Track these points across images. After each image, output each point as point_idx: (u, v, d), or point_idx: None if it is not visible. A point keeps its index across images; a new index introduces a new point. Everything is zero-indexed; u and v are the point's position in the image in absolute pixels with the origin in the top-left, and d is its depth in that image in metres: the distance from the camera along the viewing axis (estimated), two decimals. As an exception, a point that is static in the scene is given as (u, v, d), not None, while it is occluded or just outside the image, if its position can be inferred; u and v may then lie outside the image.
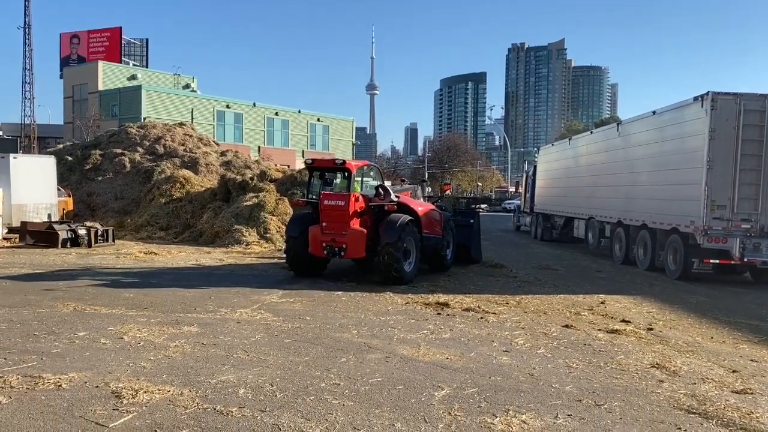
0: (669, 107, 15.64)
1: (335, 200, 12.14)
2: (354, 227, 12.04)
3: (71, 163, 25.81)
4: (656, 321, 9.45)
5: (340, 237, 11.97)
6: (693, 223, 13.83)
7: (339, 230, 11.99)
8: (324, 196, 12.28)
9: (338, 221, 12.01)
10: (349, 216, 12.01)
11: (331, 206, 12.07)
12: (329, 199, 12.17)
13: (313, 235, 12.18)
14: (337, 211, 12.03)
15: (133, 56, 67.14)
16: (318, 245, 12.15)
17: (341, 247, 12.01)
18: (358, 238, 12.00)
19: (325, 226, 12.10)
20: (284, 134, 61.56)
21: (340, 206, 12.04)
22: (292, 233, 12.62)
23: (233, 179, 22.37)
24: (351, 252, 12.08)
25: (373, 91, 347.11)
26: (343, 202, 12.06)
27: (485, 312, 9.34)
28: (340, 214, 12.02)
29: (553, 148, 27.24)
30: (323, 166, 13.39)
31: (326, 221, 12.11)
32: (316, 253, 12.33)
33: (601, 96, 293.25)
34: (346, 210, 12.01)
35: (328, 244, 12.06)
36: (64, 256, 15.37)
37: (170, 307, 9.08)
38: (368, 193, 13.24)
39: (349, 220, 12.01)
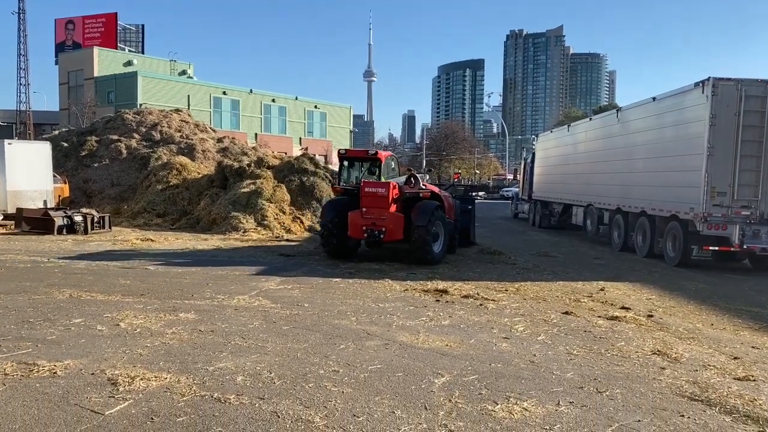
0: (669, 93, 15.54)
1: (376, 188, 13.10)
2: (393, 212, 12.97)
3: (67, 150, 25.64)
4: (656, 308, 9.40)
5: (380, 221, 12.85)
6: (693, 209, 13.77)
7: (379, 215, 12.85)
8: (365, 183, 13.22)
9: (378, 206, 12.91)
10: (389, 202, 12.96)
11: (372, 193, 13.00)
12: (370, 186, 13.11)
13: (354, 220, 12.96)
14: (378, 198, 12.96)
15: (129, 42, 66.63)
16: (358, 229, 12.94)
17: (381, 230, 12.85)
18: (397, 221, 12.92)
19: (365, 211, 12.92)
20: (281, 121, 61.32)
21: (381, 193, 13.00)
22: (327, 218, 13.28)
23: (230, 166, 22.24)
24: (390, 235, 12.91)
25: (370, 78, 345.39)
26: (384, 190, 13.04)
27: (484, 299, 9.29)
28: (380, 200, 12.95)
29: (552, 135, 27.13)
30: (356, 156, 14.77)
31: (366, 206, 12.95)
32: (356, 236, 13.16)
33: (599, 83, 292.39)
34: (386, 196, 12.98)
35: (369, 228, 12.87)
36: (60, 243, 15.27)
37: (167, 294, 9.00)
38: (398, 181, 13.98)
39: (388, 205, 12.95)
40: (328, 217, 13.29)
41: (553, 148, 25.49)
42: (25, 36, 59.74)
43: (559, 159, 24.38)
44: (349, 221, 13.07)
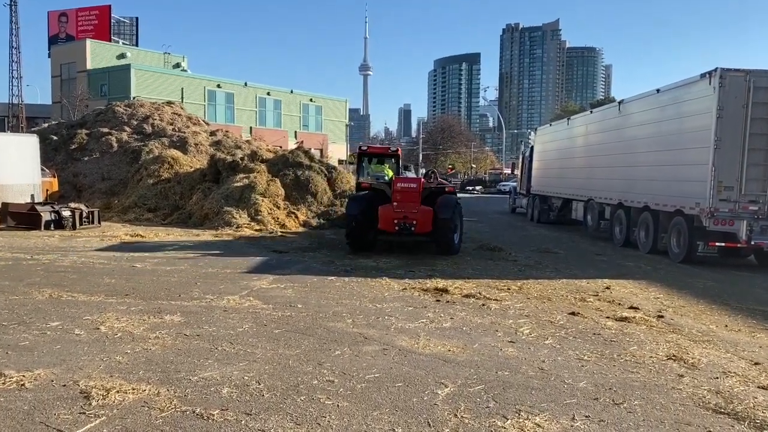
0: (674, 85, 15.10)
1: (408, 183, 13.89)
2: (423, 206, 13.48)
3: (56, 143, 25.11)
4: (665, 307, 9.00)
5: (411, 215, 13.32)
6: (698, 204, 13.36)
7: (410, 209, 13.34)
8: (398, 179, 14.03)
9: (410, 201, 13.46)
10: (420, 196, 13.61)
11: (405, 188, 13.62)
12: (403, 182, 13.88)
13: (386, 214, 13.41)
14: (410, 193, 13.57)
15: (123, 35, 65.88)
16: (390, 222, 13.35)
17: (412, 223, 13.31)
18: (426, 215, 13.37)
19: (397, 206, 13.41)
20: (276, 114, 60.72)
21: (413, 188, 13.68)
22: (353, 212, 13.54)
23: (223, 159, 21.74)
24: (420, 227, 13.38)
25: (366, 71, 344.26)
26: (415, 185, 13.80)
27: (486, 298, 8.87)
28: (412, 194, 13.57)
29: (551, 128, 26.68)
30: (376, 152, 15.85)
31: (398, 201, 13.48)
32: (387, 229, 13.59)
33: (595, 77, 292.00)
34: (417, 191, 13.67)
35: (401, 221, 13.30)
36: (47, 239, 14.79)
37: (153, 294, 8.55)
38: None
39: (419, 200, 13.58)
40: (355, 211, 13.50)
41: (553, 142, 25.05)
42: (18, 28, 58.96)
43: (559, 153, 23.95)
44: (380, 215, 13.46)
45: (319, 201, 20.24)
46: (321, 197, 20.39)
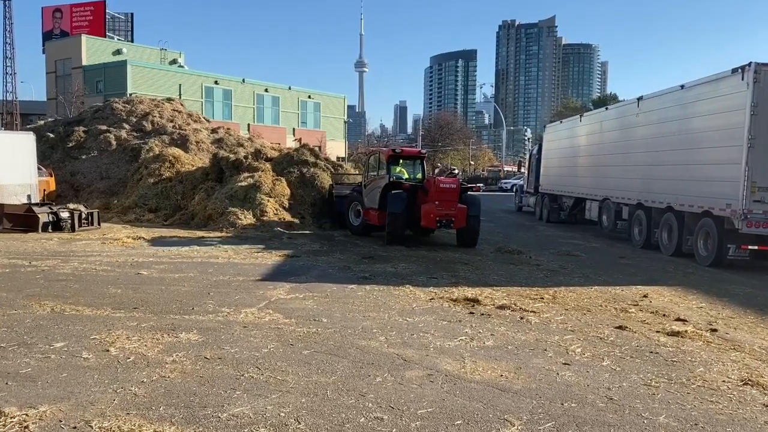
0: (700, 81, 14.48)
1: (449, 183, 15.17)
2: (460, 204, 14.79)
3: (53, 141, 24.34)
4: (714, 319, 8.37)
5: (450, 212, 14.62)
6: (730, 206, 12.76)
7: (449, 207, 14.64)
8: (439, 180, 15.42)
9: (450, 200, 14.74)
10: (458, 196, 14.93)
11: (446, 188, 14.87)
12: (444, 182, 15.20)
13: (428, 211, 14.63)
14: (450, 192, 14.82)
15: (118, 31, 64.91)
16: (432, 219, 14.61)
17: (451, 219, 14.68)
18: (462, 212, 14.76)
19: (438, 204, 14.60)
20: (274, 111, 59.94)
21: (453, 188, 14.96)
22: (397, 210, 14.76)
23: (226, 158, 21.03)
24: (457, 223, 14.81)
25: (362, 68, 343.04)
26: (455, 185, 15.11)
27: (523, 310, 8.23)
28: (452, 193, 14.84)
29: (562, 125, 26.05)
30: (408, 154, 17.24)
31: (439, 200, 14.66)
32: (429, 226, 14.98)
33: (592, 74, 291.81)
34: (456, 190, 14.99)
35: (442, 218, 14.60)
36: (45, 242, 14.10)
37: (164, 307, 7.89)
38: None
39: (457, 198, 14.89)
40: (398, 209, 14.73)
41: (564, 139, 24.43)
42: (11, 24, 58.04)
43: (571, 151, 23.33)
44: (423, 213, 14.69)
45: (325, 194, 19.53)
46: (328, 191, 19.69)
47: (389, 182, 15.68)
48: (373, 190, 16.42)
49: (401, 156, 16.94)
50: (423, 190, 15.43)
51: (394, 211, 14.73)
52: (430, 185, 15.33)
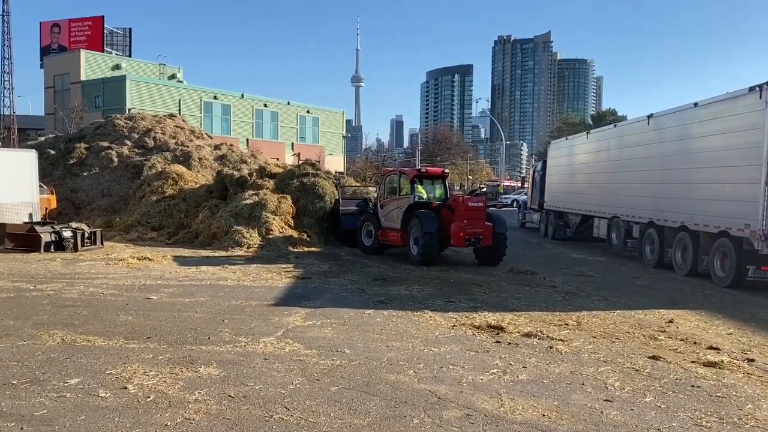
0: (715, 99, 14.31)
1: (477, 202, 15.35)
2: (486, 223, 15.02)
3: (54, 158, 24.04)
4: (748, 348, 8.09)
5: (479, 230, 14.82)
6: (749, 226, 12.51)
7: (478, 225, 14.84)
8: (467, 199, 15.46)
9: (478, 218, 14.94)
10: (485, 214, 15.20)
11: (475, 207, 15.07)
12: (473, 201, 15.33)
13: (457, 230, 14.73)
14: (478, 211, 15.05)
15: (116, 46, 64.74)
16: (461, 238, 14.76)
17: (479, 238, 14.85)
18: (489, 230, 15.02)
19: (467, 223, 14.77)
20: (273, 126, 59.77)
21: (480, 207, 15.21)
22: (431, 229, 14.69)
23: (230, 175, 20.78)
24: (485, 241, 14.96)
25: (358, 83, 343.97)
26: (482, 204, 15.42)
27: (550, 338, 7.95)
28: (480, 212, 15.07)
29: (567, 142, 25.89)
30: (431, 174, 17.17)
31: (468, 219, 14.82)
32: (458, 245, 15.20)
33: (587, 89, 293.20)
34: (483, 209, 15.30)
35: (471, 236, 14.76)
36: (48, 263, 13.77)
37: (178, 336, 7.58)
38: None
39: (485, 217, 15.13)
40: (432, 229, 14.68)
41: (570, 156, 24.23)
42: (10, 39, 57.87)
43: (577, 168, 23.13)
44: (453, 232, 14.78)
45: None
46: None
47: (414, 202, 15.66)
48: (393, 210, 16.37)
49: (425, 176, 16.91)
50: (449, 209, 15.42)
51: (428, 230, 14.65)
52: (457, 204, 15.37)
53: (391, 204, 16.56)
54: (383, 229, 16.66)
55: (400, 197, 16.29)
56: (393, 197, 16.65)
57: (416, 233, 15.11)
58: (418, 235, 15.02)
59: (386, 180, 17.66)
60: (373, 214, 17.19)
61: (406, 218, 15.62)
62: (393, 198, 16.62)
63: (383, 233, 16.65)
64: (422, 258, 14.88)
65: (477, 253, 15.76)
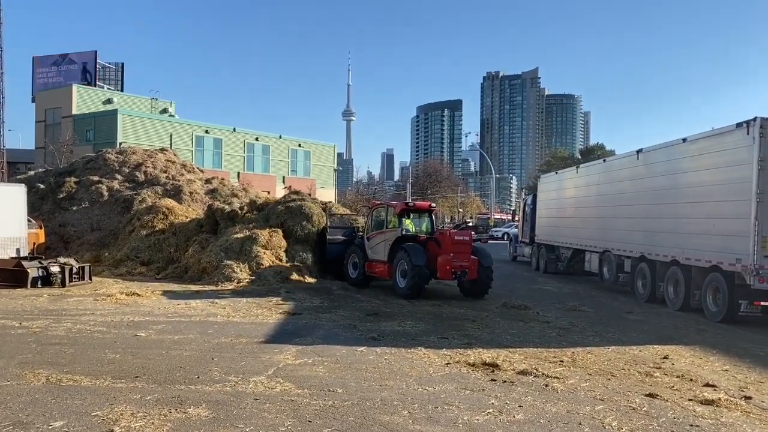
0: (704, 134, 14.49)
1: (463, 236, 15.62)
2: (472, 256, 15.15)
3: (43, 192, 23.88)
4: (744, 385, 8.01)
5: (465, 263, 14.90)
6: (740, 261, 12.55)
7: (464, 259, 14.94)
8: (454, 233, 15.69)
9: (464, 252, 15.06)
10: (471, 248, 15.35)
11: (461, 240, 15.23)
12: (459, 235, 15.54)
13: (444, 264, 14.78)
14: (464, 245, 15.21)
15: (108, 81, 65.06)
16: (448, 271, 14.80)
17: (465, 271, 14.90)
18: (475, 263, 15.12)
19: (454, 256, 14.83)
20: (264, 160, 59.87)
21: (466, 241, 15.41)
22: (420, 262, 14.79)
23: (221, 209, 20.71)
24: (471, 274, 15.04)
25: (349, 117, 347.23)
26: (468, 238, 15.69)
27: (546, 376, 7.84)
28: (465, 246, 15.23)
29: (556, 176, 26.05)
30: (419, 208, 17.35)
31: (454, 252, 14.90)
32: (445, 278, 15.18)
33: (575, 123, 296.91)
34: (469, 243, 15.48)
35: (457, 270, 14.80)
36: (34, 299, 13.55)
37: (167, 375, 7.41)
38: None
39: (471, 251, 15.27)
40: (421, 262, 14.78)
41: (560, 190, 24.36)
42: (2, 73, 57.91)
43: (568, 201, 23.23)
44: (438, 265, 14.83)
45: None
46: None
47: (402, 235, 15.85)
48: (380, 243, 16.53)
49: (412, 210, 17.11)
50: (435, 242, 15.59)
51: (417, 263, 14.79)
52: (444, 238, 15.54)
53: (378, 237, 16.71)
54: (369, 262, 16.80)
55: (387, 230, 16.48)
56: (380, 230, 16.81)
57: (404, 266, 15.23)
58: (406, 268, 15.11)
59: (373, 213, 17.82)
60: (359, 246, 17.35)
61: (393, 251, 15.78)
62: (380, 231, 16.78)
63: (369, 265, 16.79)
64: (410, 291, 14.93)
65: (462, 287, 15.86)
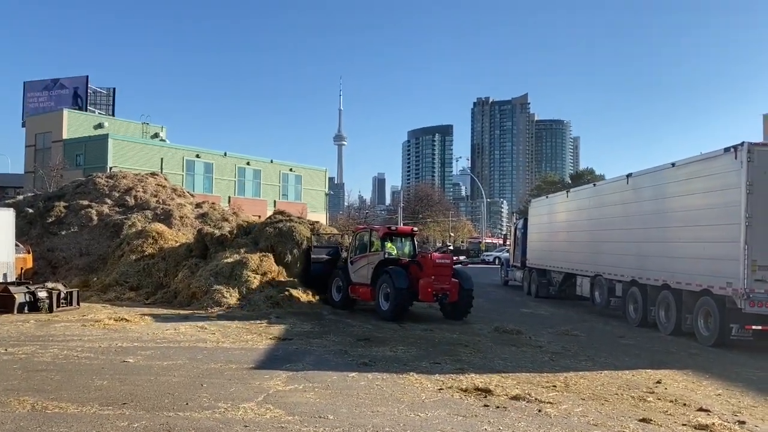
0: (692, 159, 14.63)
1: (444, 259, 16.09)
2: (453, 279, 15.57)
3: (32, 216, 23.68)
4: (738, 409, 7.98)
5: (446, 286, 15.32)
6: (730, 284, 12.57)
7: (445, 281, 15.36)
8: (435, 256, 16.11)
9: (445, 275, 15.47)
10: (452, 271, 15.80)
11: (442, 264, 15.66)
12: (440, 258, 16.05)
13: (425, 285, 15.19)
14: (445, 268, 15.62)
15: (99, 105, 65.10)
16: (429, 294, 15.19)
17: (446, 293, 15.29)
18: (455, 286, 15.51)
19: (435, 279, 15.24)
20: (255, 184, 59.83)
21: (447, 264, 15.87)
22: (403, 285, 15.10)
23: (211, 234, 20.60)
24: (451, 297, 15.42)
25: (340, 141, 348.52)
26: (449, 261, 16.22)
27: (539, 401, 7.78)
28: (446, 269, 15.65)
29: (547, 200, 26.19)
30: (401, 232, 18.03)
31: (435, 275, 15.29)
32: (426, 300, 15.57)
33: (564, 148, 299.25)
34: (450, 266, 15.96)
35: (438, 292, 15.20)
36: (21, 325, 13.36)
37: (155, 402, 7.29)
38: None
39: (452, 273, 15.69)
40: (403, 285, 15.10)
41: (551, 214, 24.44)
42: (-8, 98, 57.98)
43: (558, 226, 23.31)
44: (420, 287, 15.21)
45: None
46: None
47: (384, 258, 16.17)
48: (364, 266, 16.81)
49: (395, 234, 17.57)
50: (417, 266, 15.90)
51: (400, 286, 15.09)
52: (425, 261, 15.86)
53: (361, 260, 17.05)
54: (353, 285, 17.11)
55: (370, 254, 16.82)
56: (363, 254, 17.13)
57: (387, 289, 15.54)
58: (389, 291, 15.43)
59: (357, 237, 18.11)
60: (342, 270, 17.64)
61: (376, 274, 16.10)
62: (363, 254, 17.11)
63: (353, 288, 17.12)
64: (393, 313, 15.22)
65: (443, 309, 16.19)
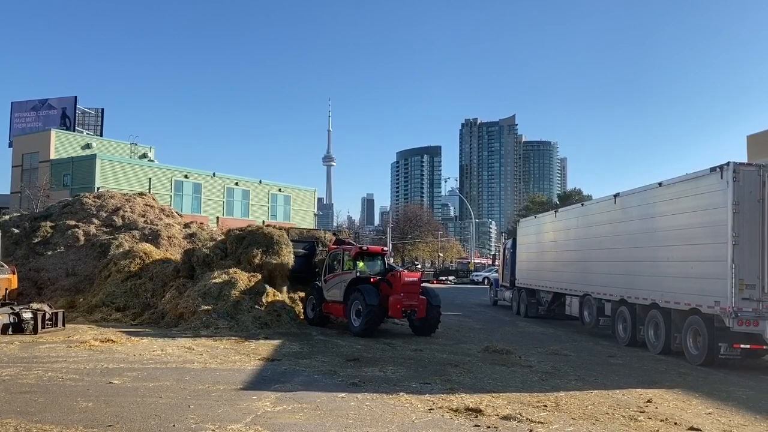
0: (679, 179, 14.75)
1: (412, 277, 16.76)
2: (421, 296, 16.29)
3: (17, 236, 23.41)
4: (728, 428, 7.98)
5: (414, 303, 16.02)
6: (719, 303, 12.63)
7: (413, 298, 16.05)
8: (404, 274, 16.70)
9: (413, 292, 16.16)
10: (420, 288, 16.47)
11: (410, 282, 16.30)
12: (408, 276, 16.69)
13: (395, 302, 15.85)
14: (413, 285, 16.31)
15: (88, 126, 64.96)
16: (398, 310, 15.87)
17: (414, 310, 16.04)
18: (424, 303, 16.27)
19: (404, 296, 15.90)
20: (244, 204, 59.70)
21: (416, 282, 16.57)
22: (374, 302, 15.73)
23: (198, 254, 20.45)
24: (419, 313, 16.17)
25: (329, 162, 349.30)
26: (417, 279, 16.90)
27: (530, 421, 7.73)
28: (415, 286, 16.33)
29: (535, 220, 26.29)
30: (372, 252, 18.47)
31: (404, 292, 15.95)
32: (395, 316, 16.17)
33: (552, 169, 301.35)
34: (418, 284, 16.63)
35: (406, 308, 15.91)
36: (5, 347, 13.13)
37: (141, 424, 7.17)
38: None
39: (420, 291, 16.37)
40: (374, 301, 15.70)
41: (539, 234, 24.52)
42: (-22, 118, 57.70)
43: (547, 245, 23.37)
44: (389, 304, 15.82)
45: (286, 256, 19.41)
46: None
47: (356, 277, 16.84)
48: (337, 285, 17.46)
49: (366, 253, 18.14)
50: (387, 283, 16.60)
51: (371, 303, 15.71)
52: (394, 279, 16.53)
53: (334, 279, 17.63)
54: (326, 302, 17.77)
55: (343, 272, 17.42)
56: (336, 272, 17.71)
57: (358, 306, 16.13)
58: (360, 307, 16.03)
59: (330, 256, 18.54)
60: (316, 289, 18.33)
61: (348, 292, 16.66)
62: (336, 273, 17.71)
63: (326, 306, 17.81)
64: (365, 329, 15.80)
65: (412, 325, 16.81)
